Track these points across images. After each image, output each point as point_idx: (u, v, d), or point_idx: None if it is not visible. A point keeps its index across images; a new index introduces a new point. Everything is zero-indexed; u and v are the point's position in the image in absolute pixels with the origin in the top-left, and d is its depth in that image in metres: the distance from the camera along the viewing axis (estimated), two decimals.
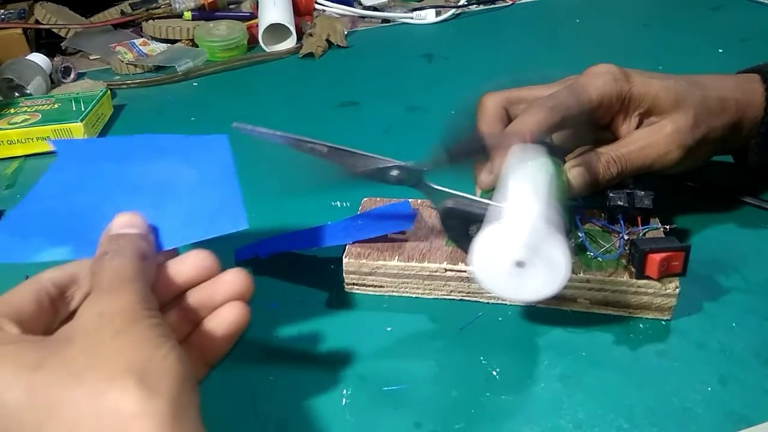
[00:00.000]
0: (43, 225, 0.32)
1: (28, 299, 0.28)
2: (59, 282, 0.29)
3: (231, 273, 0.31)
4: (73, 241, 0.31)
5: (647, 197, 0.40)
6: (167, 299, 0.31)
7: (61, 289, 0.29)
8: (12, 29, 0.82)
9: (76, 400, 0.22)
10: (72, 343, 0.24)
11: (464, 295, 0.41)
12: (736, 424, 0.33)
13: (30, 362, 0.23)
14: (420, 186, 0.38)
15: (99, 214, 0.31)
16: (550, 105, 0.40)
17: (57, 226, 0.32)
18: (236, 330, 0.31)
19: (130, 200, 0.33)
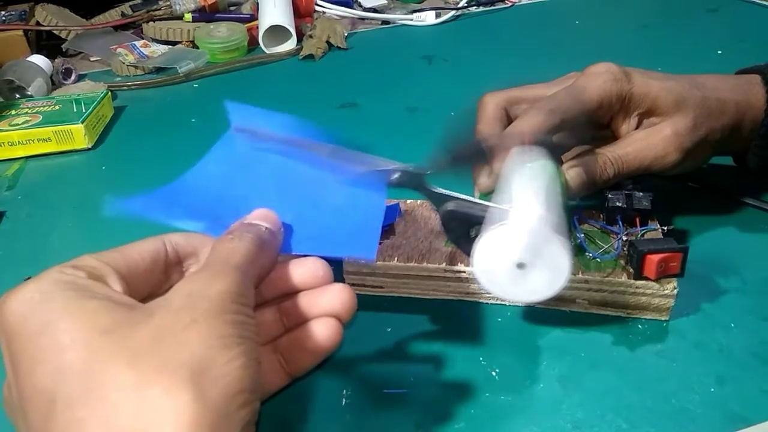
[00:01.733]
0: (189, 198, 0.32)
1: (145, 256, 0.28)
2: (182, 248, 0.29)
3: (336, 288, 0.30)
4: (210, 220, 0.31)
5: (646, 198, 0.41)
6: (272, 297, 0.31)
7: (180, 257, 0.29)
8: (13, 31, 0.82)
9: (120, 384, 0.21)
10: (150, 317, 0.23)
11: (464, 295, 0.41)
12: (735, 425, 0.33)
13: (103, 325, 0.23)
14: (421, 189, 0.38)
15: (243, 203, 0.31)
16: (550, 107, 0.40)
17: (201, 203, 0.32)
18: (323, 348, 0.30)
19: (277, 198, 0.33)
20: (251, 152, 0.35)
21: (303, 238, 0.32)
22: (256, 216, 0.30)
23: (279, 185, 0.34)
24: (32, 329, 0.23)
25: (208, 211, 0.32)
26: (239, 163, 0.35)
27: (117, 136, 0.67)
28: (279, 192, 0.34)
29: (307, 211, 0.33)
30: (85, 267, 0.26)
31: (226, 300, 0.24)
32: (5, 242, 0.51)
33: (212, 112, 0.71)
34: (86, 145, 0.63)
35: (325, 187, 0.35)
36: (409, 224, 0.44)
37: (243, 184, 0.34)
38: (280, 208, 0.32)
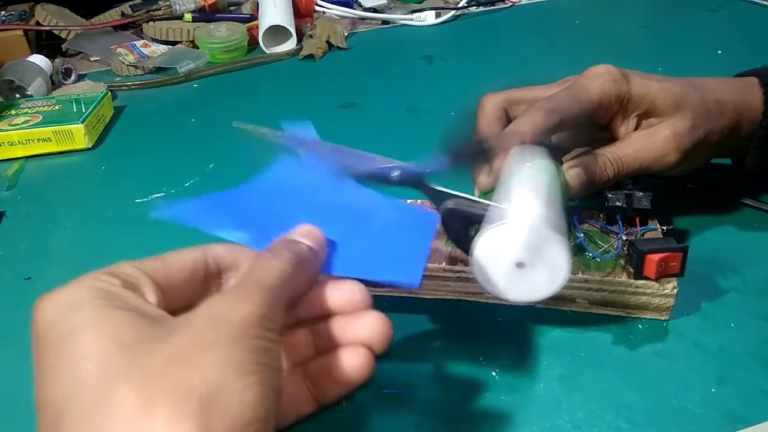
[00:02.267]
0: (237, 210, 0.32)
1: (185, 267, 0.27)
2: (223, 261, 0.28)
3: (372, 315, 0.29)
4: (256, 232, 0.30)
5: (645, 198, 0.41)
6: (307, 317, 0.30)
7: (221, 269, 0.28)
8: (13, 31, 0.82)
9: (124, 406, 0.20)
10: (168, 337, 0.23)
11: (464, 295, 0.41)
12: (735, 425, 0.33)
13: (122, 339, 0.22)
14: (421, 187, 0.38)
15: (291, 218, 0.31)
16: (549, 107, 0.40)
17: (248, 215, 0.32)
18: (351, 379, 0.29)
19: (324, 215, 0.32)
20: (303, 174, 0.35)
21: (345, 259, 0.31)
22: (300, 232, 0.29)
23: (327, 204, 0.34)
24: (58, 336, 0.23)
25: (254, 223, 0.31)
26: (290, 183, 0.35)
27: (117, 136, 0.67)
28: (326, 210, 0.34)
29: (352, 232, 0.33)
30: (121, 274, 0.25)
31: (249, 324, 0.24)
32: (5, 242, 0.51)
33: (212, 112, 0.71)
34: (86, 145, 0.63)
35: (374, 209, 0.35)
36: None
37: (292, 200, 0.34)
38: (325, 225, 0.31)
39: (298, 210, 0.33)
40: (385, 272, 0.32)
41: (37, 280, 0.46)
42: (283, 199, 0.34)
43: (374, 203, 0.35)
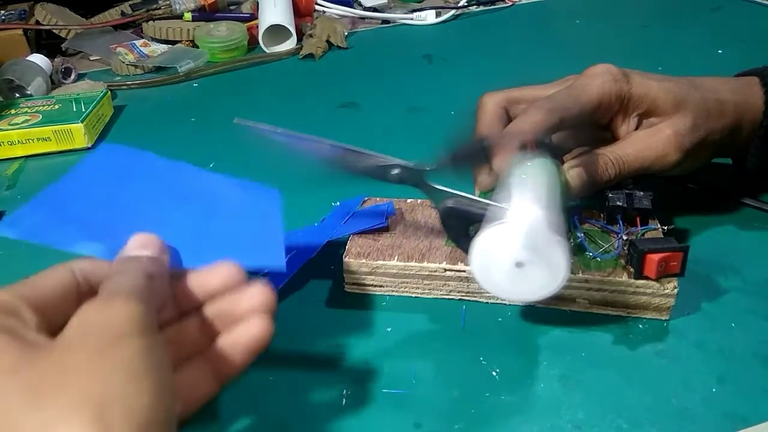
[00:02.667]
0: (80, 211, 0.30)
1: (56, 288, 0.26)
2: (91, 276, 0.28)
3: (257, 286, 0.30)
4: (108, 238, 0.29)
5: (646, 198, 0.41)
6: (189, 308, 0.30)
7: (91, 285, 0.28)
8: (12, 30, 0.82)
9: (25, 427, 0.20)
10: (52, 353, 0.22)
11: (464, 294, 0.41)
12: (735, 425, 0.33)
13: (5, 365, 0.22)
14: (421, 185, 0.38)
15: (139, 214, 0.30)
16: (549, 106, 0.40)
17: (94, 217, 0.30)
18: (256, 345, 0.29)
19: (174, 206, 0.32)
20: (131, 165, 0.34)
21: (208, 250, 0.31)
22: (134, 245, 0.29)
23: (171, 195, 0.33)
24: None
25: (103, 227, 0.30)
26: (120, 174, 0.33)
27: (116, 135, 0.67)
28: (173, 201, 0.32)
29: (205, 220, 0.32)
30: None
31: (127, 327, 0.23)
32: (5, 242, 0.51)
33: (212, 111, 0.71)
34: (86, 144, 0.63)
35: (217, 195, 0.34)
36: (409, 223, 0.44)
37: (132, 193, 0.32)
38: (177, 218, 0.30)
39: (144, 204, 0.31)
40: (248, 258, 0.31)
41: None
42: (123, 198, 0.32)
43: (215, 187, 0.34)
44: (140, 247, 0.29)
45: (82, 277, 0.28)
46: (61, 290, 0.27)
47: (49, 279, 0.27)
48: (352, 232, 0.43)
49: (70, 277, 0.27)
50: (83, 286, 0.27)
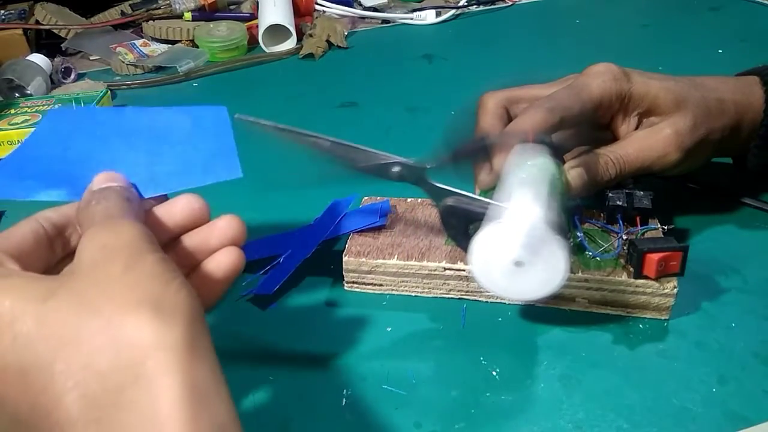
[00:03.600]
0: (39, 169, 0.32)
1: (27, 236, 0.28)
2: (56, 221, 0.29)
3: (225, 219, 0.31)
4: (68, 185, 0.31)
5: (646, 197, 0.41)
6: (161, 243, 0.30)
7: (59, 229, 0.29)
8: (12, 30, 0.82)
9: (91, 331, 0.22)
10: (81, 275, 0.24)
11: (463, 294, 0.41)
12: (736, 424, 0.33)
13: (39, 294, 0.23)
14: (421, 183, 0.38)
15: (94, 160, 0.32)
16: (550, 105, 0.40)
17: (52, 170, 0.32)
18: (233, 273, 0.31)
19: (124, 146, 0.33)
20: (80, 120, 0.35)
21: (164, 177, 0.32)
22: (100, 180, 0.30)
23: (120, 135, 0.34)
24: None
25: (62, 175, 0.32)
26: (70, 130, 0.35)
27: None
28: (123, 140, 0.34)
29: (157, 150, 0.33)
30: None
31: (140, 243, 0.25)
32: None
33: None
34: None
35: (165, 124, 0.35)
36: (409, 222, 0.44)
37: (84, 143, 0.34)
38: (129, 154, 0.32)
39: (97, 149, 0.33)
40: (207, 175, 0.32)
41: None
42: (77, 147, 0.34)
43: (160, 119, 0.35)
44: (107, 181, 0.30)
45: (48, 224, 0.29)
46: (32, 238, 0.28)
47: (19, 230, 0.28)
48: (346, 231, 0.43)
49: (37, 225, 0.28)
50: (51, 232, 0.29)
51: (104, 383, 0.21)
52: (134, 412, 0.21)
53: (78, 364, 0.21)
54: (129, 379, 0.21)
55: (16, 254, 0.26)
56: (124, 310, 0.22)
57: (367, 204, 0.46)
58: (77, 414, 0.21)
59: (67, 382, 0.21)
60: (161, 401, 0.21)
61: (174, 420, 0.20)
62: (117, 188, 0.29)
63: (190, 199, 0.31)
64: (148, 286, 0.23)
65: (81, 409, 0.21)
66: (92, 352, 0.21)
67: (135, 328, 0.22)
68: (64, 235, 0.29)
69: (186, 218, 0.31)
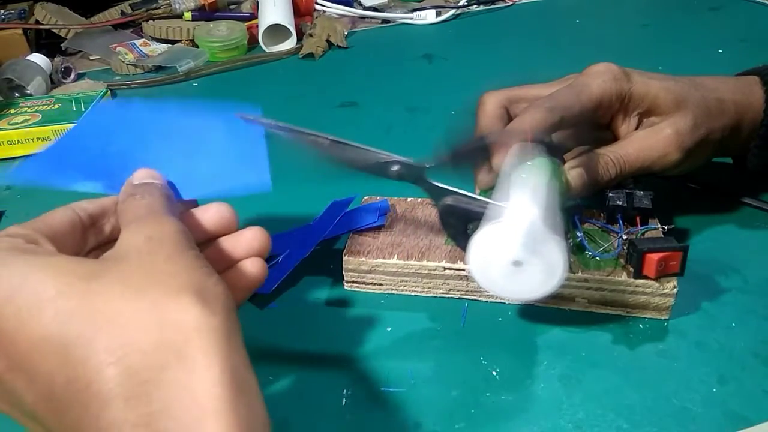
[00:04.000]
0: (79, 160, 0.34)
1: (64, 222, 0.28)
2: (92, 212, 0.30)
3: (252, 231, 0.32)
4: (106, 178, 0.32)
5: (646, 197, 0.41)
6: None
7: (93, 219, 0.30)
8: (12, 29, 0.82)
9: (136, 311, 0.22)
10: (126, 261, 0.24)
11: (463, 293, 0.41)
12: (736, 424, 0.33)
13: (82, 273, 0.23)
14: (420, 182, 0.38)
15: (133, 156, 0.33)
16: (550, 105, 0.40)
17: (92, 163, 0.34)
18: (255, 284, 0.32)
19: (162, 145, 0.34)
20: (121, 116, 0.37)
21: (197, 181, 0.33)
22: (141, 176, 0.31)
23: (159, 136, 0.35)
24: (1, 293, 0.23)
25: (100, 169, 0.33)
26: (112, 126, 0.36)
27: None
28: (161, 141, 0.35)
29: (193, 154, 0.34)
30: (18, 234, 0.26)
31: (181, 238, 0.26)
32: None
33: None
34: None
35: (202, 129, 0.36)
36: (409, 222, 0.44)
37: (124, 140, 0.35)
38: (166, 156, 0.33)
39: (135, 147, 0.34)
40: (238, 185, 0.33)
41: None
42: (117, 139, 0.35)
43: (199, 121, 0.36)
44: (147, 177, 0.31)
45: (84, 214, 0.30)
46: (68, 224, 0.29)
47: (56, 215, 0.29)
48: (346, 230, 0.43)
49: (73, 214, 0.29)
50: (86, 222, 0.30)
51: (146, 360, 0.21)
52: (175, 390, 0.21)
53: (121, 340, 0.22)
54: (171, 358, 0.21)
55: (52, 237, 0.27)
56: (169, 294, 0.23)
57: (366, 203, 0.46)
58: (117, 388, 0.21)
59: (110, 357, 0.21)
60: (203, 382, 0.21)
61: (215, 400, 0.21)
62: (159, 185, 0.30)
63: (221, 207, 0.32)
64: (190, 275, 0.24)
65: (121, 383, 0.21)
66: (136, 330, 0.22)
67: (179, 311, 0.22)
68: (97, 225, 0.30)
69: (215, 225, 0.31)
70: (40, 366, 0.22)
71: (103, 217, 0.31)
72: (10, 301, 0.23)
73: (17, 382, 0.23)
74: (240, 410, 0.21)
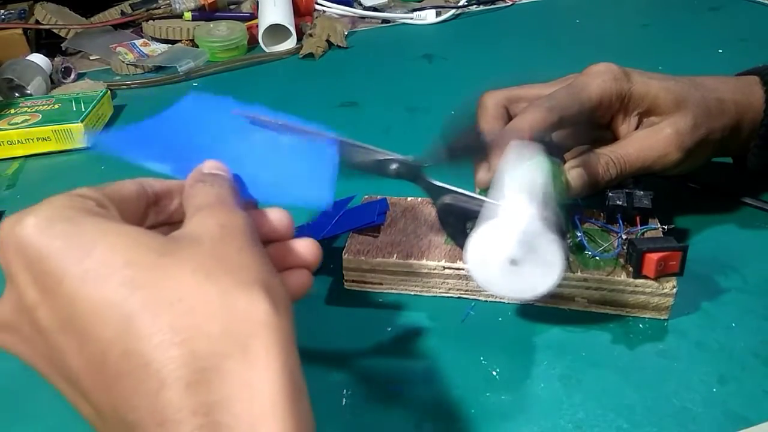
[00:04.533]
0: (158, 141, 0.35)
1: (132, 194, 0.28)
2: (158, 190, 0.30)
3: (305, 242, 0.32)
4: (176, 162, 0.33)
5: (646, 197, 0.41)
6: None
7: (157, 197, 0.30)
8: (12, 29, 0.82)
9: (206, 296, 0.22)
10: (199, 243, 0.24)
11: (463, 293, 0.41)
12: (736, 424, 0.33)
13: (155, 247, 0.23)
14: (418, 181, 0.38)
15: (207, 148, 0.34)
16: (549, 104, 0.40)
17: (169, 146, 0.35)
18: (297, 296, 0.31)
19: (238, 144, 0.35)
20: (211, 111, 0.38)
21: (262, 184, 0.33)
22: (211, 166, 0.31)
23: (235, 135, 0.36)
24: (70, 252, 0.22)
25: (174, 154, 0.34)
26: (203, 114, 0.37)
27: None
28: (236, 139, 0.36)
29: (264, 158, 0.35)
30: (91, 197, 0.26)
31: (251, 232, 0.26)
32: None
33: None
34: (86, 144, 0.63)
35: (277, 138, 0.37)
36: (409, 221, 0.44)
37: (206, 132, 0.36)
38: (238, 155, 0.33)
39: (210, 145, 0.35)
40: (300, 196, 0.34)
41: None
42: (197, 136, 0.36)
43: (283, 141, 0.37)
44: (216, 168, 0.31)
45: (150, 190, 0.30)
46: (135, 195, 0.29)
47: (125, 186, 0.29)
48: (345, 230, 0.43)
49: (139, 187, 0.29)
50: (151, 198, 0.30)
51: (211, 346, 0.21)
52: (236, 383, 0.21)
53: (188, 321, 0.21)
54: (236, 349, 0.21)
55: (119, 205, 0.27)
56: (240, 285, 0.23)
57: (366, 202, 0.46)
58: (179, 370, 0.20)
59: (175, 336, 0.21)
60: (263, 380, 0.21)
61: (275, 401, 0.21)
62: (227, 177, 0.31)
63: (281, 214, 0.31)
64: (260, 269, 0.24)
65: (183, 366, 0.20)
66: (204, 315, 0.21)
67: (249, 302, 0.22)
68: (159, 204, 0.30)
69: (274, 230, 0.31)
70: (97, 332, 0.21)
71: (167, 198, 0.31)
72: (79, 261, 0.22)
73: (68, 344, 0.22)
74: (296, 413, 0.21)
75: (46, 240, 0.23)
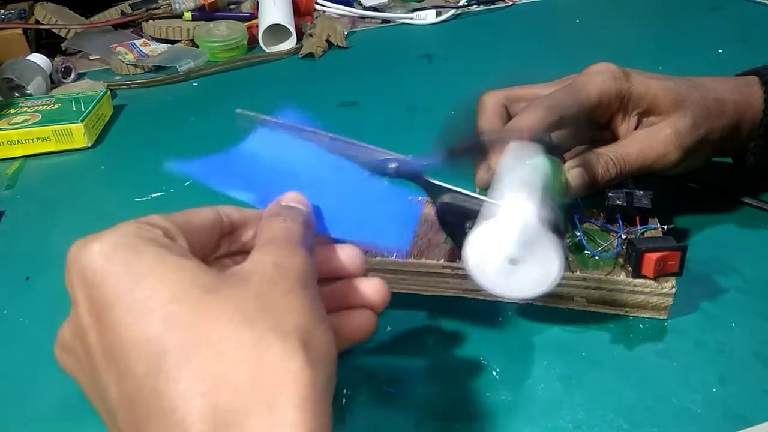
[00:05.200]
0: (242, 170, 0.35)
1: (206, 222, 0.28)
2: (235, 220, 0.30)
3: (373, 282, 0.31)
4: (259, 192, 0.33)
5: (646, 197, 0.41)
6: None
7: (233, 227, 0.30)
8: (12, 29, 0.82)
9: (238, 342, 0.21)
10: (246, 283, 0.24)
11: (463, 292, 0.41)
12: (736, 424, 0.33)
13: (204, 284, 0.23)
14: (418, 180, 0.38)
15: (290, 179, 0.33)
16: (549, 104, 0.40)
17: (252, 175, 0.34)
18: (359, 338, 0.30)
19: (320, 179, 0.35)
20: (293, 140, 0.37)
21: (342, 222, 0.33)
22: (291, 198, 0.31)
23: (321, 171, 0.36)
24: (125, 280, 0.22)
25: (256, 184, 0.34)
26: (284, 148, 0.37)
27: (116, 135, 0.67)
28: (321, 176, 0.35)
29: (347, 196, 0.35)
30: (159, 226, 0.26)
31: (306, 274, 0.25)
32: (5, 241, 0.51)
33: (212, 111, 0.70)
34: (86, 144, 0.63)
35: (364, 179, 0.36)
36: None
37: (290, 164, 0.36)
38: (321, 191, 0.33)
39: (296, 176, 0.35)
40: (379, 237, 0.34)
41: (36, 279, 0.46)
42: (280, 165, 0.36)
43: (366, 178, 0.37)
44: (295, 201, 0.31)
45: (227, 219, 0.30)
46: (209, 225, 0.28)
47: (200, 214, 0.28)
48: None
49: (216, 215, 0.29)
50: (226, 228, 0.30)
51: (236, 401, 0.20)
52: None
53: (216, 370, 0.21)
54: (261, 404, 0.20)
55: (188, 234, 0.27)
56: (277, 333, 0.22)
57: None
58: (200, 424, 0.20)
59: (201, 386, 0.20)
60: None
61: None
62: (304, 212, 0.30)
63: (354, 252, 0.31)
64: (303, 316, 0.23)
65: (205, 420, 0.20)
66: (233, 362, 0.21)
67: (282, 353, 0.21)
68: (234, 234, 0.30)
69: (344, 268, 0.31)
70: (132, 365, 0.21)
71: (243, 228, 0.30)
72: (129, 291, 0.22)
73: (108, 373, 0.22)
74: None
75: (106, 266, 0.23)
